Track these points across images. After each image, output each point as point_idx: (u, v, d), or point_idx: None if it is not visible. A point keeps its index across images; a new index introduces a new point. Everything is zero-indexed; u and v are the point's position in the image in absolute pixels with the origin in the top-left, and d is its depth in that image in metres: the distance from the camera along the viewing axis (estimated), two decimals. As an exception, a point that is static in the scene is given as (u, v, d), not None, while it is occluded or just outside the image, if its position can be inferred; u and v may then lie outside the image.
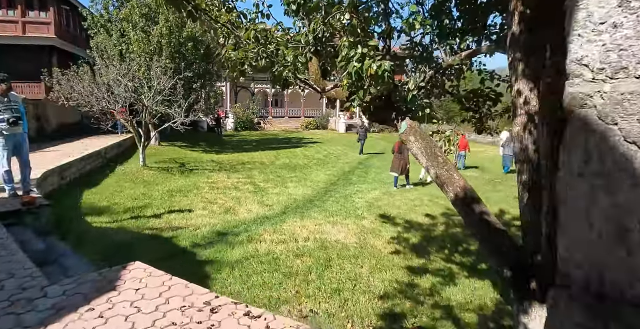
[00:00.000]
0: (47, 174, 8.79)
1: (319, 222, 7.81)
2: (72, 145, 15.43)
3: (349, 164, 17.35)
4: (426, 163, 3.10)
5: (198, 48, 17.76)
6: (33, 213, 5.51)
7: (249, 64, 2.72)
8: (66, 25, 19.59)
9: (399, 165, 11.64)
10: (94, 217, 7.29)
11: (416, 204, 10.20)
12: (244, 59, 2.65)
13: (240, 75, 2.81)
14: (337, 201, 9.98)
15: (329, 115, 37.10)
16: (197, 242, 6.17)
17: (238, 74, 2.78)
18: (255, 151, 20.37)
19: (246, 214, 8.09)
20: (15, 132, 5.90)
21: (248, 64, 2.72)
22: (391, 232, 7.52)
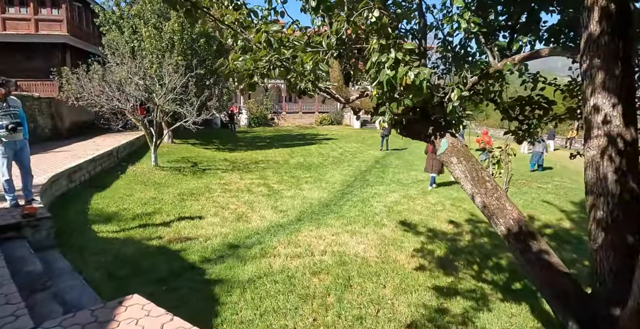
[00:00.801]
0: (55, 177, 8.51)
1: (336, 231, 7.35)
2: (84, 144, 15.23)
3: (365, 162, 16.81)
4: (471, 189, 2.59)
5: (210, 44, 17.36)
6: (33, 226, 5.17)
7: (260, 73, 2.25)
8: (78, 22, 19.37)
9: (433, 164, 11.43)
10: (100, 225, 6.96)
11: (438, 208, 9.66)
12: (254, 68, 2.19)
13: (249, 89, 2.35)
14: (355, 205, 9.50)
15: (343, 110, 36.45)
16: (206, 256, 5.77)
17: (246, 87, 2.32)
18: (269, 149, 19.98)
19: (259, 222, 7.67)
20: (15, 138, 5.56)
21: (258, 74, 2.25)
22: (413, 242, 7.02)
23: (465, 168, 2.58)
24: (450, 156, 2.64)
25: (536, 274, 2.40)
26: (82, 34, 19.85)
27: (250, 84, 2.29)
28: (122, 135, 18.19)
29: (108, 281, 4.82)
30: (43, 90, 17.28)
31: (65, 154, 11.98)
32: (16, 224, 5.06)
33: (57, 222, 6.59)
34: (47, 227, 5.27)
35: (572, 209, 10.15)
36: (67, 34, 17.58)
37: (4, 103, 5.47)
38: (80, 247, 5.82)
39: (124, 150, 14.91)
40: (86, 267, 5.11)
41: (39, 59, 17.54)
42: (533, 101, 3.28)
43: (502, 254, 6.67)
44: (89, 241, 6.12)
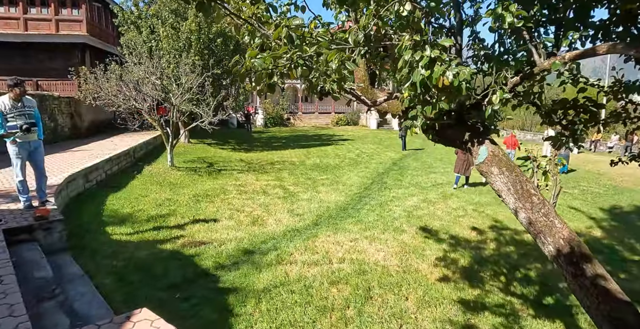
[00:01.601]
0: (72, 177, 8.47)
1: (354, 236, 7.09)
2: (102, 143, 15.31)
3: (383, 164, 16.48)
4: (514, 203, 2.31)
5: (227, 44, 17.27)
6: (45, 229, 5.06)
7: (280, 73, 2.01)
8: (97, 22, 19.55)
9: (463, 166, 11.58)
10: (114, 226, 6.85)
11: (459, 214, 9.30)
12: (273, 67, 1.95)
13: (267, 90, 2.11)
14: (373, 209, 9.22)
15: (359, 111, 36.11)
16: (220, 262, 5.58)
17: (264, 88, 2.09)
18: (285, 149, 19.81)
19: (275, 226, 7.46)
20: (29, 139, 5.47)
21: (278, 74, 2.02)
22: (435, 250, 6.71)
23: (507, 180, 2.30)
24: (490, 166, 2.36)
25: (591, 302, 2.11)
26: (101, 34, 20.04)
27: (269, 85, 2.06)
28: (140, 135, 18.27)
29: (119, 287, 4.67)
30: (63, 89, 17.47)
31: (83, 154, 12.01)
32: (28, 227, 4.96)
33: (71, 223, 6.53)
34: (59, 230, 5.16)
35: (602, 216, 9.67)
36: (86, 34, 17.74)
37: (19, 103, 5.39)
38: (92, 250, 5.70)
39: (140, 150, 14.93)
40: (97, 272, 4.97)
41: (59, 59, 17.74)
42: (578, 104, 2.96)
43: (530, 264, 6.31)
44: (102, 243, 6.00)
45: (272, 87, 2.08)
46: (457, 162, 11.90)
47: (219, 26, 16.88)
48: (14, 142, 5.33)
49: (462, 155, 11.57)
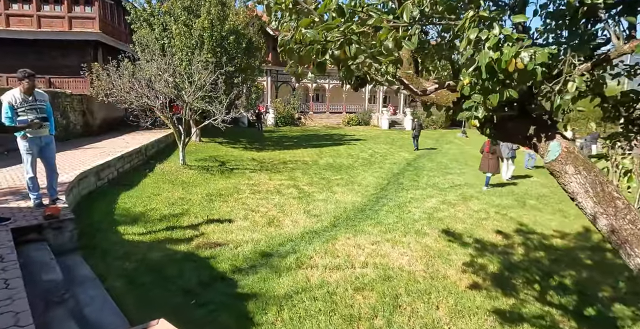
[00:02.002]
0: (83, 175, 8.28)
1: (375, 239, 6.77)
2: (114, 141, 15.18)
3: (397, 164, 16.12)
4: (593, 208, 1.98)
5: (239, 41, 17.04)
6: (55, 228, 4.83)
7: (333, 49, 1.70)
8: (110, 19, 19.47)
9: (488, 164, 11.46)
10: (126, 226, 6.61)
11: (481, 216, 8.93)
12: (326, 43, 1.65)
13: (317, 70, 1.81)
14: (391, 211, 8.89)
15: (371, 110, 35.77)
16: (237, 265, 5.30)
17: (315, 69, 1.79)
18: (297, 148, 19.54)
19: (292, 227, 7.17)
20: (40, 134, 5.25)
21: (331, 50, 1.71)
22: (461, 255, 6.36)
23: (585, 180, 1.97)
24: (564, 164, 2.03)
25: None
26: (114, 32, 19.96)
27: (319, 64, 1.76)
28: (151, 132, 18.13)
29: (131, 291, 4.41)
30: (75, 87, 17.41)
31: (94, 151, 11.85)
32: (38, 226, 4.73)
33: (82, 222, 6.31)
34: (70, 230, 4.93)
35: None
36: (99, 31, 17.65)
37: (30, 97, 5.17)
38: (103, 250, 5.46)
39: (152, 148, 14.77)
40: (109, 274, 4.72)
41: (71, 56, 17.68)
42: (651, 96, 2.62)
43: (564, 271, 5.94)
44: (114, 243, 5.76)
45: (322, 67, 1.77)
46: (483, 160, 11.71)
47: (231, 23, 16.69)
48: (25, 137, 5.12)
49: (487, 154, 11.54)
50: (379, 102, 35.39)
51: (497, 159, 11.69)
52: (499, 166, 11.84)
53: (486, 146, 11.64)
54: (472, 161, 17.83)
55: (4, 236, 4.29)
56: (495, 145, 11.78)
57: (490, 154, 11.56)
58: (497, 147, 11.80)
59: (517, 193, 11.47)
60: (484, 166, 11.73)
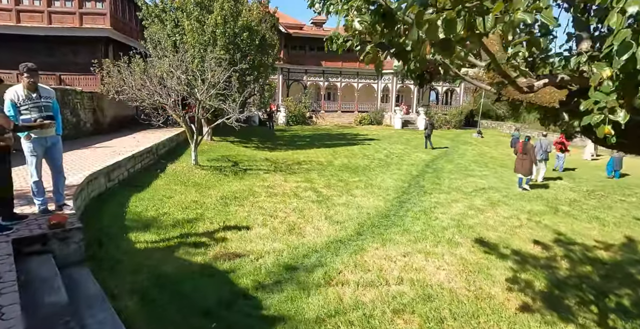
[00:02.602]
0: (93, 176, 7.84)
1: (405, 250, 6.23)
2: (124, 140, 14.79)
3: (415, 166, 15.54)
4: None
5: (253, 38, 16.54)
6: (61, 238, 4.36)
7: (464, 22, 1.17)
8: (121, 15, 19.11)
9: (523, 165, 11.35)
10: (138, 233, 6.15)
11: (514, 224, 8.35)
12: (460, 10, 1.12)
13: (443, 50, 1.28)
14: (417, 217, 8.34)
15: (383, 110, 35.10)
16: (260, 280, 4.79)
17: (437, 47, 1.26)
18: (310, 148, 19.03)
19: (314, 235, 6.65)
20: (46, 134, 4.79)
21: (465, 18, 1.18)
22: (502, 269, 5.80)
23: None
24: None
25: None
26: (125, 28, 19.59)
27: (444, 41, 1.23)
28: (162, 131, 17.72)
29: (145, 312, 3.93)
30: (85, 84, 17.05)
31: (105, 150, 11.44)
32: (42, 237, 4.26)
33: (91, 227, 5.86)
34: (77, 240, 4.45)
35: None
36: (110, 27, 17.28)
37: (34, 93, 4.70)
38: (113, 261, 4.99)
39: (163, 147, 14.35)
40: (119, 290, 4.24)
41: (82, 53, 17.33)
42: None
43: (619, 290, 5.35)
44: (125, 253, 5.29)
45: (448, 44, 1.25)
46: (517, 161, 11.54)
47: (245, 20, 16.20)
48: (29, 137, 4.65)
49: (520, 155, 11.44)
50: (391, 101, 34.68)
51: (530, 160, 11.43)
52: (531, 167, 11.53)
53: (519, 148, 11.54)
54: (492, 162, 17.20)
55: (4, 249, 3.83)
56: (531, 149, 11.56)
57: (523, 155, 11.39)
58: (530, 148, 11.53)
59: (546, 198, 10.84)
60: (517, 167, 11.58)
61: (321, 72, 33.64)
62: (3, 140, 4.17)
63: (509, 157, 19.38)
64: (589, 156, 20.41)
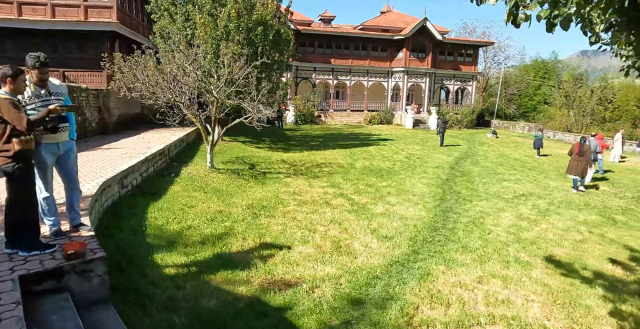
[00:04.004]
0: (107, 183, 6.94)
1: (476, 273, 5.33)
2: (133, 140, 13.89)
3: (440, 168, 14.63)
4: None
5: (267, 33, 15.58)
6: (80, 272, 3.45)
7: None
8: (128, 9, 18.16)
9: (577, 167, 11.28)
10: (163, 253, 5.24)
11: (576, 238, 7.46)
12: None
13: None
14: (469, 230, 7.44)
15: (393, 109, 34.15)
16: (324, 320, 3.88)
17: None
18: (325, 149, 18.11)
19: (367, 255, 5.74)
20: (58, 139, 3.87)
21: None
22: (595, 298, 4.91)
23: None
24: None
25: None
26: (132, 23, 18.65)
27: None
28: (170, 131, 16.82)
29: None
30: (91, 81, 16.14)
31: (114, 153, 10.52)
32: (56, 271, 3.35)
33: (109, 247, 4.93)
34: (100, 273, 3.54)
35: None
36: (116, 21, 16.32)
37: (43, 90, 3.79)
38: (141, 294, 4.08)
39: (174, 148, 13.45)
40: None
41: (87, 49, 16.40)
42: None
43: None
44: (153, 282, 4.38)
45: None
46: (571, 163, 11.53)
47: (260, 13, 15.26)
48: (37, 143, 3.74)
49: (575, 156, 11.31)
50: (402, 100, 33.72)
51: (586, 162, 11.25)
52: (586, 169, 11.40)
53: (576, 149, 11.38)
54: (519, 165, 16.29)
55: (9, 290, 2.93)
56: (588, 150, 11.27)
57: (579, 157, 11.24)
58: (587, 150, 11.26)
59: (595, 206, 9.95)
60: (571, 168, 11.44)
61: (330, 70, 32.68)
62: (21, 143, 3.28)
63: (532, 159, 18.53)
64: (616, 159, 19.51)
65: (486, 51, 46.75)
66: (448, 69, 34.77)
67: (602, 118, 31.11)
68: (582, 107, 29.60)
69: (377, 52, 33.46)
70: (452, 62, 35.04)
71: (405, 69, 32.60)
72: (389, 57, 33.64)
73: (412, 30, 31.25)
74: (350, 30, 33.63)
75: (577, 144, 11.53)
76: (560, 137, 29.41)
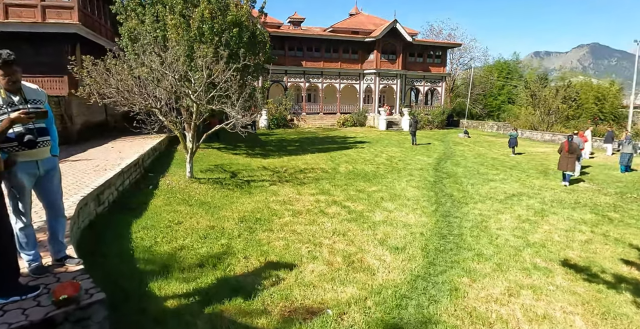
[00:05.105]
0: (83, 201, 6.17)
1: (503, 285, 5.00)
2: (102, 150, 12.89)
3: (425, 170, 14.49)
4: None
5: (242, 35, 14.92)
6: (76, 321, 2.80)
7: None
8: (90, 10, 16.97)
9: (569, 163, 12.06)
10: (160, 281, 4.58)
11: (581, 238, 7.35)
12: None
13: None
14: (476, 235, 7.17)
15: (366, 111, 34.12)
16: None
17: None
18: (304, 154, 17.62)
19: (385, 271, 5.28)
20: (36, 157, 3.19)
21: None
22: (628, 305, 4.71)
23: None
24: None
25: None
26: (95, 25, 17.48)
27: None
28: (138, 139, 15.86)
29: None
30: (51, 87, 14.90)
31: (84, 165, 9.62)
32: (45, 323, 2.69)
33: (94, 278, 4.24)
34: (99, 319, 2.91)
35: None
36: (77, 23, 15.17)
37: (16, 96, 3.11)
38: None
39: (148, 157, 12.59)
40: None
41: (45, 53, 15.10)
42: None
43: None
44: (156, 321, 3.73)
45: None
46: (562, 160, 12.20)
47: (234, 14, 14.61)
48: (12, 162, 3.05)
49: (566, 153, 12.01)
50: (374, 101, 33.75)
51: (575, 158, 12.15)
52: (575, 164, 12.37)
53: (565, 147, 12.10)
54: (499, 164, 16.41)
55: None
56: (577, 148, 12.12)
57: (569, 154, 11.99)
58: (576, 147, 12.13)
59: (586, 204, 9.99)
60: (562, 165, 12.18)
61: (302, 73, 32.25)
62: None
63: (509, 157, 18.79)
64: (587, 155, 20.14)
65: (452, 52, 47.77)
66: (418, 71, 35.13)
67: (566, 116, 32.28)
68: (548, 105, 30.57)
69: (349, 55, 33.35)
70: (421, 64, 35.44)
71: (377, 71, 32.63)
72: (360, 59, 33.60)
73: (382, 32, 31.33)
74: (321, 32, 33.32)
75: (566, 142, 12.25)
76: (528, 135, 30.25)
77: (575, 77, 48.02)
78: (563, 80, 42.73)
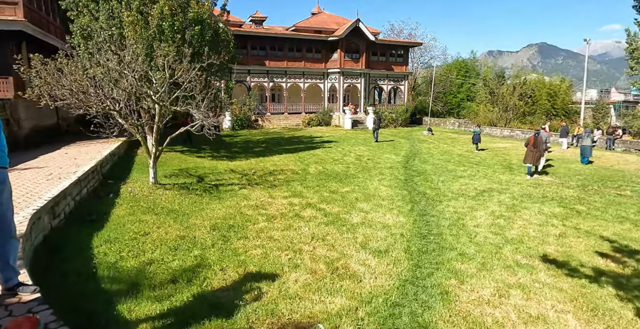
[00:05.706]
0: (37, 215, 5.56)
1: (491, 285, 4.92)
2: (55, 156, 11.97)
3: (394, 169, 14.52)
4: None
5: (204, 33, 14.33)
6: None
7: None
8: (37, 6, 15.76)
9: (533, 157, 12.64)
10: (129, 302, 4.14)
11: (555, 232, 7.51)
12: None
13: None
14: (455, 234, 7.14)
15: (331, 110, 34.04)
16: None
17: None
18: (272, 155, 17.21)
19: (371, 277, 5.07)
20: (-19, 169, 2.74)
21: None
22: (613, 299, 4.74)
23: None
24: None
25: None
26: (42, 22, 16.28)
27: None
28: (94, 143, 14.93)
29: None
30: (-7, 89, 13.70)
31: (36, 174, 8.82)
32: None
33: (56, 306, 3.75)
34: (62, 357, 2.49)
35: None
36: (23, 19, 14.02)
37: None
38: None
39: (106, 163, 11.80)
40: None
41: (-14, 52, 13.89)
42: None
43: None
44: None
45: None
46: (528, 153, 12.73)
47: (196, 11, 13.99)
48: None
49: (531, 148, 12.59)
50: (339, 101, 33.73)
51: (540, 152, 12.68)
52: (539, 158, 12.94)
53: (531, 141, 12.67)
54: (465, 161, 16.73)
55: None
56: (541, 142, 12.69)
57: (535, 148, 12.57)
58: (541, 142, 12.71)
59: (553, 198, 10.26)
60: (528, 158, 12.72)
61: (265, 73, 31.71)
62: None
63: (473, 153, 19.23)
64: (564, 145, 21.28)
65: (413, 52, 48.63)
66: (381, 70, 35.47)
67: (523, 112, 33.59)
68: (505, 102, 31.69)
69: (312, 54, 33.13)
70: (384, 63, 35.80)
71: (341, 70, 32.62)
72: (324, 59, 33.47)
73: (345, 31, 31.33)
74: (284, 31, 32.89)
75: (533, 137, 12.78)
76: (488, 131, 31.25)
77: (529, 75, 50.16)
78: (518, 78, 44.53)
